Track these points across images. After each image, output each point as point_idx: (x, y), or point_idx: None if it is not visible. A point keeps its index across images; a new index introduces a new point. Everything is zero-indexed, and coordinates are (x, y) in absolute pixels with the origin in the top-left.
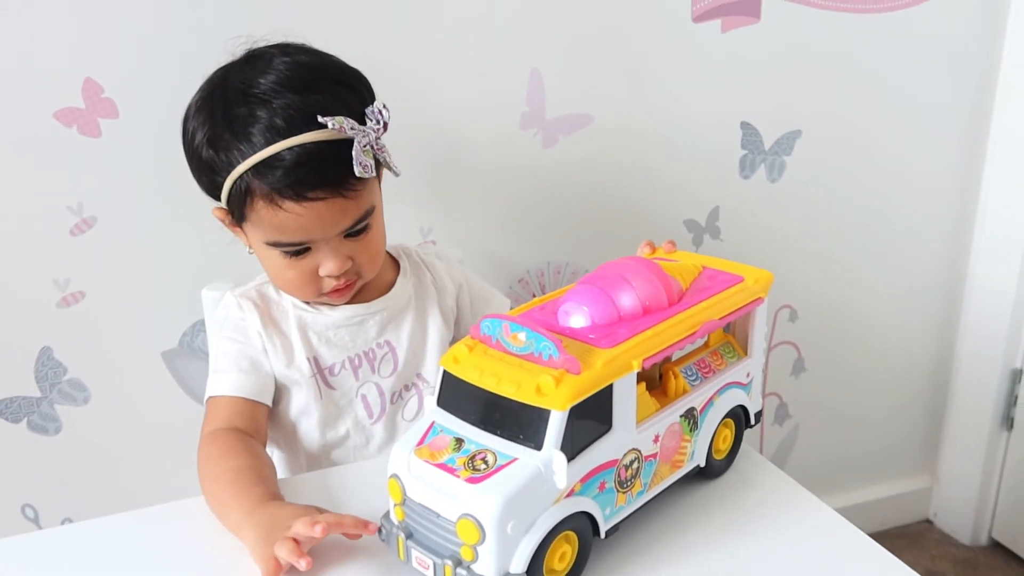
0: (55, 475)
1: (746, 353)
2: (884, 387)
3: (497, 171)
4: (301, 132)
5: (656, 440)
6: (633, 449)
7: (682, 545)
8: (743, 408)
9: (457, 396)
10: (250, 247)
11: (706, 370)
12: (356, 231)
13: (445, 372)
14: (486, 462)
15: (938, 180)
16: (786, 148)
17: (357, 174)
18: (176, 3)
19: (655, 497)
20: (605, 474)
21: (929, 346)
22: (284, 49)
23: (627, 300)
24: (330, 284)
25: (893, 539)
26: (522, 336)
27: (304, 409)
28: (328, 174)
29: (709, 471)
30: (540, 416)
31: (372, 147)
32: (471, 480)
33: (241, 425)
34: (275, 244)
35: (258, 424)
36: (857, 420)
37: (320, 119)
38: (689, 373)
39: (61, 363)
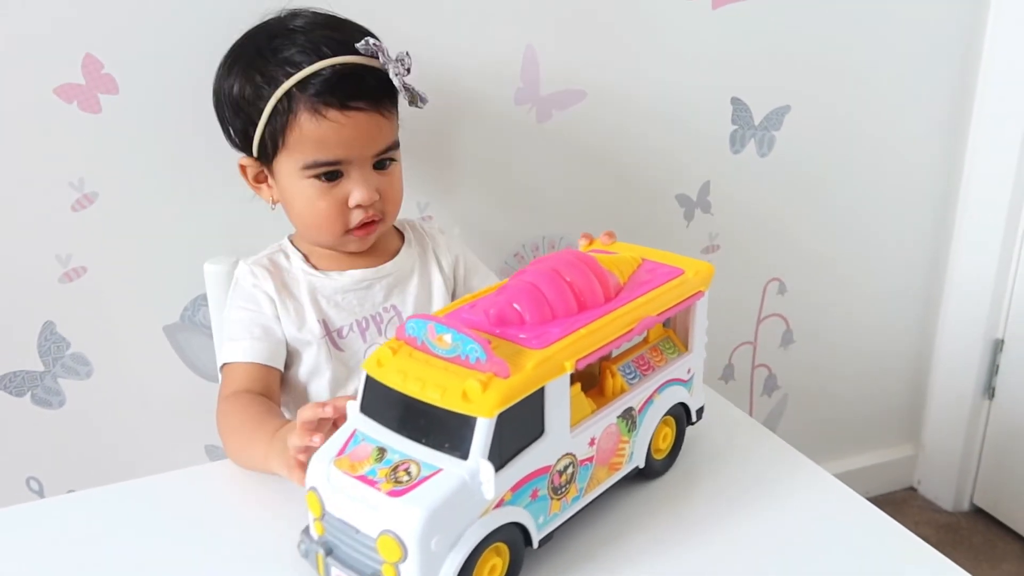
0: (59, 448)
1: (687, 348)
2: (870, 357)
3: (492, 146)
4: (340, 55)
5: (592, 443)
6: (568, 454)
7: (625, 549)
8: (684, 406)
9: (380, 402)
10: (273, 200)
11: (645, 367)
12: (384, 162)
13: (367, 376)
14: (409, 473)
15: (923, 154)
16: (775, 123)
17: (396, 84)
18: None
19: (593, 501)
20: (537, 481)
21: (913, 317)
22: (296, 12)
23: (561, 297)
24: (357, 217)
25: (878, 505)
26: (448, 338)
27: (315, 369)
28: (368, 88)
29: (649, 472)
30: (466, 424)
31: (402, 75)
32: (392, 493)
33: (256, 389)
34: (312, 165)
35: (271, 389)
36: (844, 390)
37: (356, 46)
38: (627, 371)
39: (64, 338)
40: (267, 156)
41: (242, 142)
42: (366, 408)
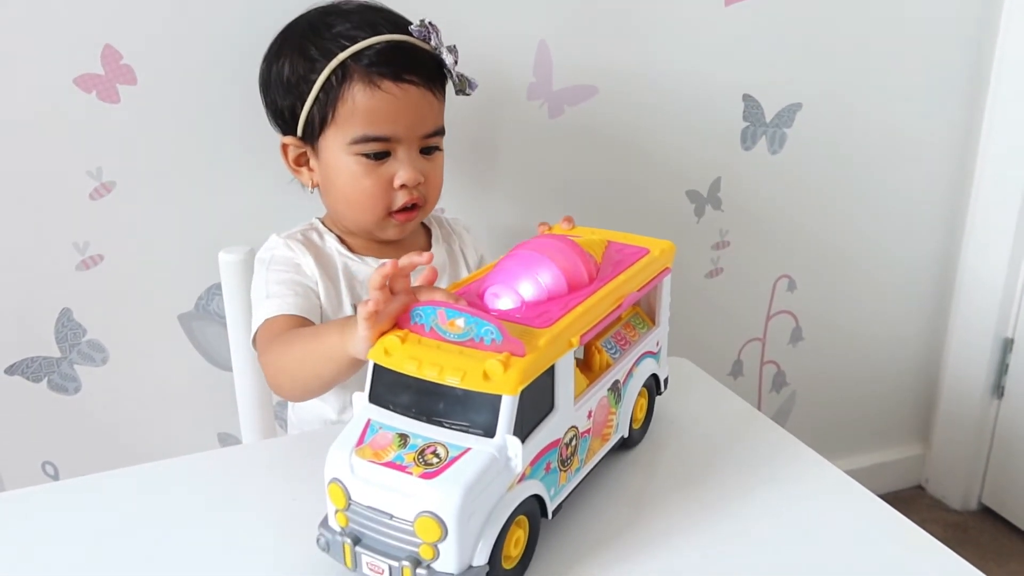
0: (74, 433)
1: (654, 323)
2: (879, 356)
3: (503, 140)
4: (394, 33)
5: (589, 416)
6: (572, 427)
7: (618, 515)
8: (655, 376)
9: (392, 390)
10: (312, 184)
11: (623, 342)
12: (430, 148)
13: (376, 366)
14: (438, 455)
15: (934, 152)
16: (787, 120)
17: (447, 65)
18: None
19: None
20: (550, 455)
21: (923, 315)
22: (339, 3)
23: (552, 278)
24: (401, 199)
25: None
26: (460, 322)
27: None
28: (421, 64)
29: (629, 441)
30: (490, 403)
31: (452, 58)
32: (426, 476)
33: None
34: (361, 140)
35: None
36: (852, 388)
37: (409, 28)
38: (609, 347)
39: (80, 324)
40: (312, 134)
41: (289, 122)
42: (376, 398)
